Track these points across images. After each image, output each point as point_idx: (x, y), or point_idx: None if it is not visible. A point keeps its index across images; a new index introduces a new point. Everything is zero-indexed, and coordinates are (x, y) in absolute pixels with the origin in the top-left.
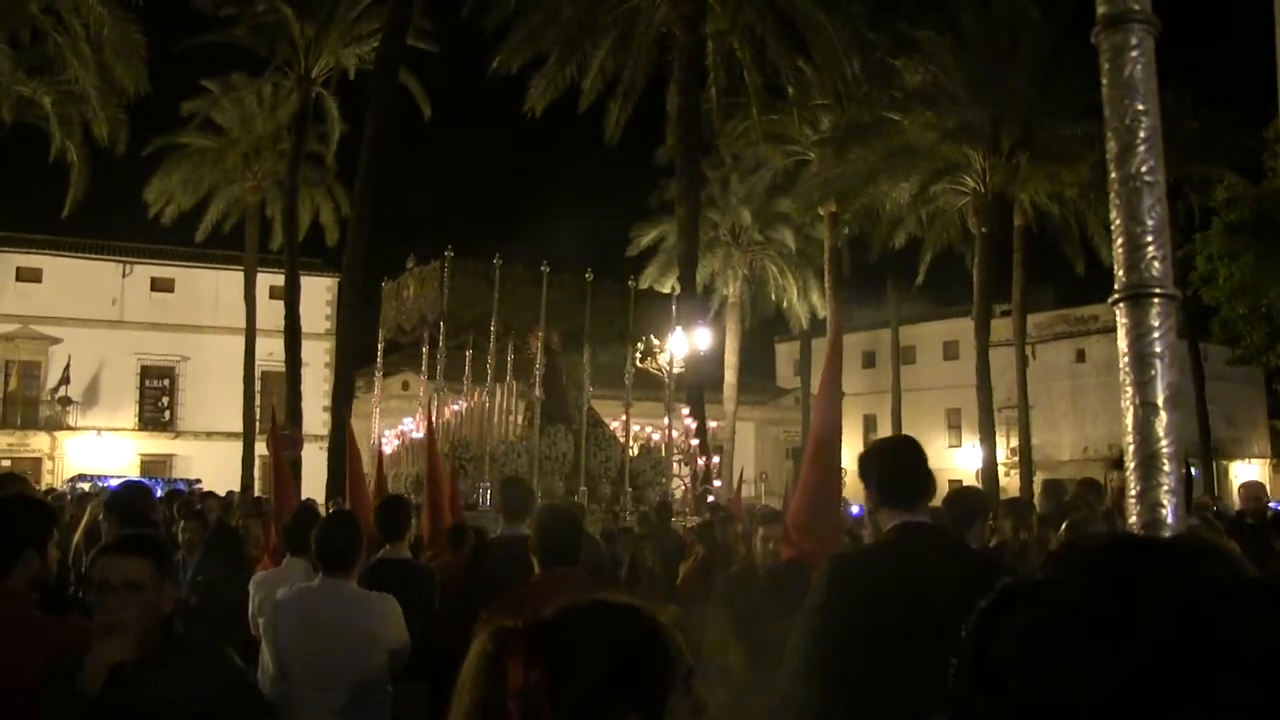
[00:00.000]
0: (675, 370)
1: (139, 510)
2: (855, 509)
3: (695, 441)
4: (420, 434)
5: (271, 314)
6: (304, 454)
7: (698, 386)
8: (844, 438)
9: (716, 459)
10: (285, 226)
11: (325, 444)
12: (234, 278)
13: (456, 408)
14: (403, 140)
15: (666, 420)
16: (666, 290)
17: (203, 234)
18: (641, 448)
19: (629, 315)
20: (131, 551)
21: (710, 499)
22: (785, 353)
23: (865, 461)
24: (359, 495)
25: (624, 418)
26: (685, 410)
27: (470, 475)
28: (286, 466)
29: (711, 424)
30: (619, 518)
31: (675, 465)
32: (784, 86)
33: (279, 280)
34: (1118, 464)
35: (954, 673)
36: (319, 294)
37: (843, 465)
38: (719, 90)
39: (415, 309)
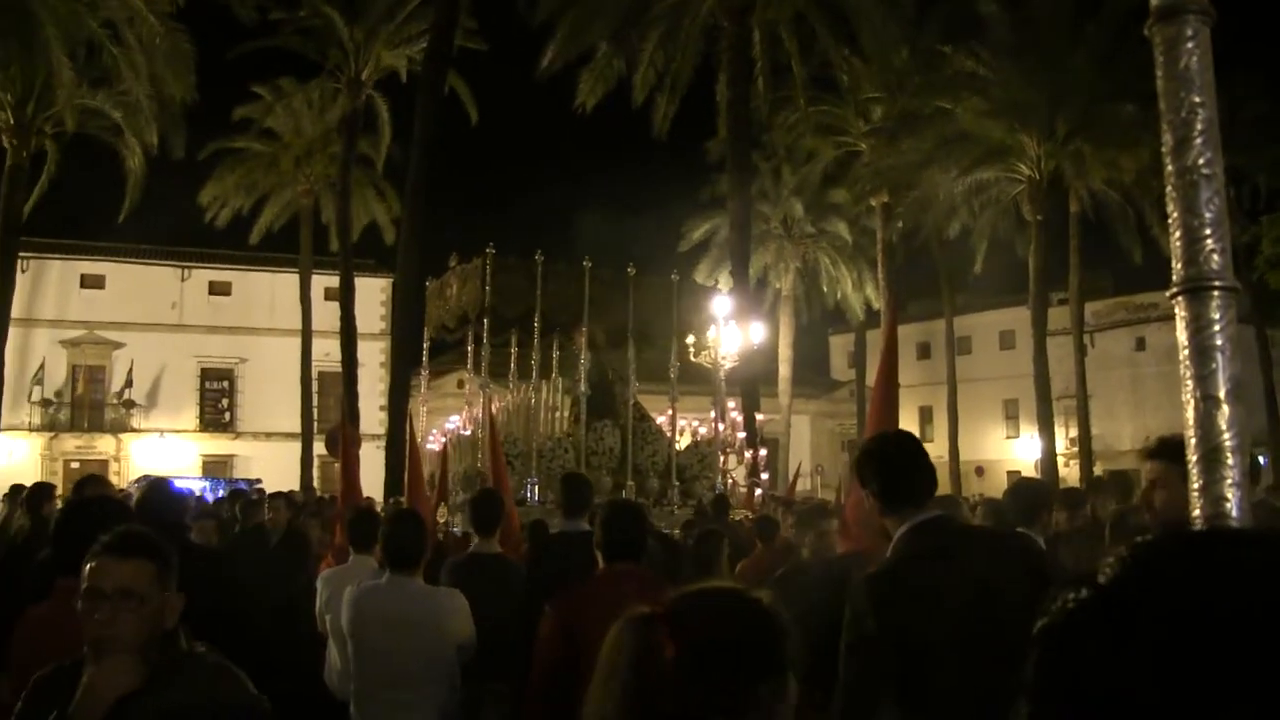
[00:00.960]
0: (728, 364)
1: (169, 513)
2: None
3: (743, 435)
4: (467, 431)
5: (327, 315)
6: (361, 453)
7: (751, 380)
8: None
9: (764, 452)
10: (338, 228)
11: (381, 443)
12: (289, 280)
13: (502, 404)
14: (453, 139)
15: (713, 414)
16: (719, 284)
17: (257, 237)
18: (689, 442)
19: (673, 309)
20: (128, 553)
21: (759, 492)
22: (840, 345)
23: (862, 466)
24: (418, 493)
25: (670, 412)
26: (732, 404)
27: (518, 471)
28: (356, 464)
29: (765, 418)
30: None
31: (723, 459)
32: (834, 77)
33: (334, 282)
34: (1154, 454)
35: (1030, 677)
36: (373, 294)
37: None
38: (767, 82)
39: (458, 307)
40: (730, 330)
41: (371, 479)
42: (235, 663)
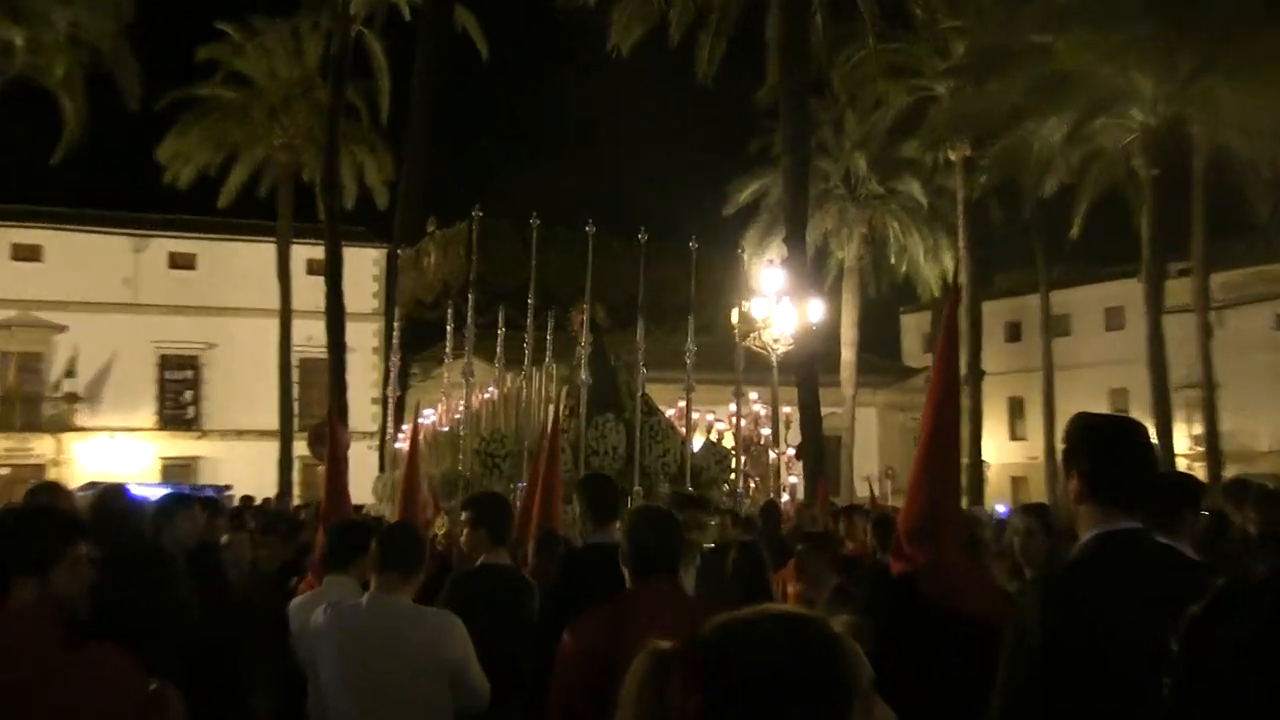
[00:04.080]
0: (780, 348)
1: (125, 526)
2: (1001, 509)
3: (766, 431)
4: (447, 427)
5: (310, 292)
6: (351, 453)
7: (809, 366)
8: (986, 426)
9: (791, 451)
10: (323, 190)
11: (375, 441)
12: (265, 251)
13: (488, 395)
14: (460, 88)
15: (734, 407)
16: (773, 255)
17: (226, 200)
18: (706, 440)
19: (691, 283)
20: None
21: (786, 499)
22: (912, 325)
23: (1075, 441)
24: (413, 500)
25: (682, 403)
26: (753, 395)
27: (505, 474)
28: (344, 468)
29: (826, 411)
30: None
31: (745, 460)
32: (906, 7)
33: (318, 253)
34: None
35: (1170, 690)
36: (365, 267)
37: (960, 460)
38: (826, 15)
39: (437, 280)
40: (784, 309)
41: (362, 483)
42: None
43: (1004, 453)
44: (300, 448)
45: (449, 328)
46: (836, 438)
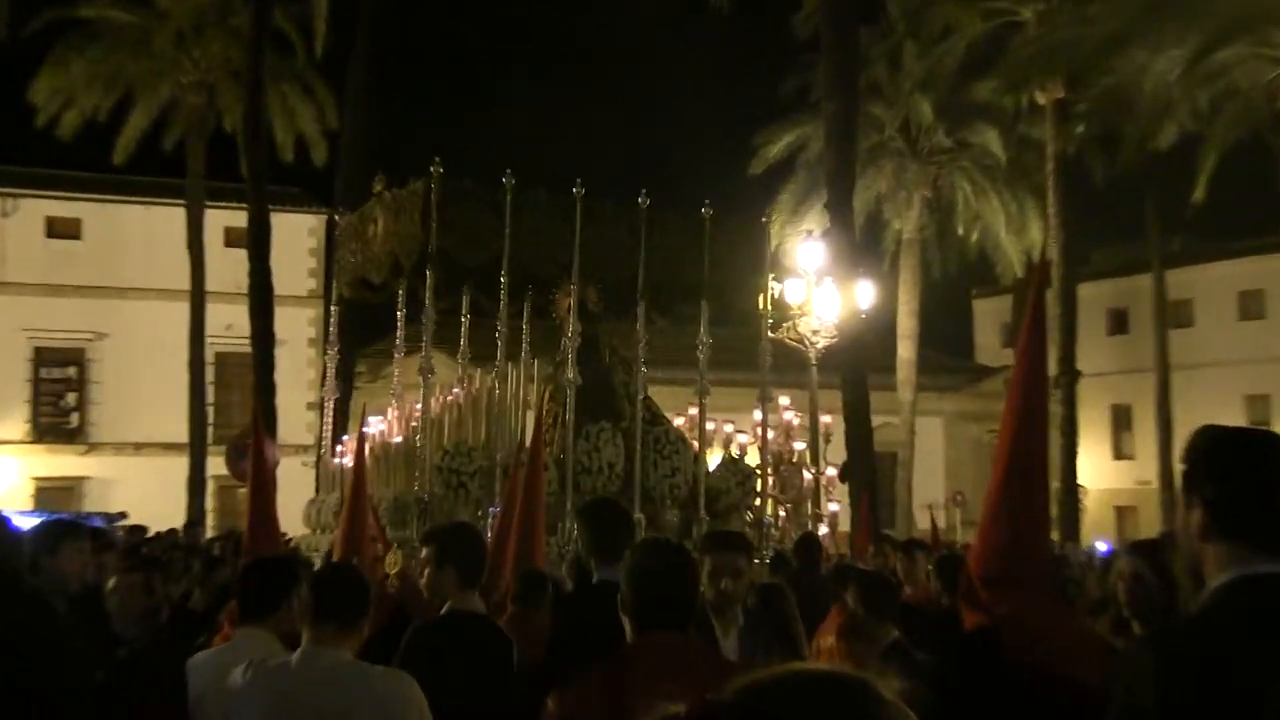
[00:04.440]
0: (821, 342)
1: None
2: (1102, 547)
3: (800, 446)
4: (400, 438)
5: (230, 268)
6: (280, 472)
7: (857, 365)
8: (1082, 441)
9: (833, 470)
10: (246, 141)
11: (311, 456)
12: (172, 217)
13: (451, 397)
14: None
15: (759, 414)
16: (811, 225)
17: (123, 154)
18: (724, 456)
19: (705, 259)
20: None
21: (825, 531)
22: (988, 313)
23: (1200, 462)
24: (358, 531)
25: (695, 410)
26: (784, 400)
27: (473, 497)
28: (271, 489)
29: (879, 421)
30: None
31: (774, 481)
32: None
33: (240, 219)
34: None
35: None
36: (299, 239)
37: (1048, 485)
38: None
39: (386, 252)
40: (825, 292)
41: (294, 510)
42: None
43: (1106, 476)
44: (216, 465)
45: (401, 314)
46: (891, 455)
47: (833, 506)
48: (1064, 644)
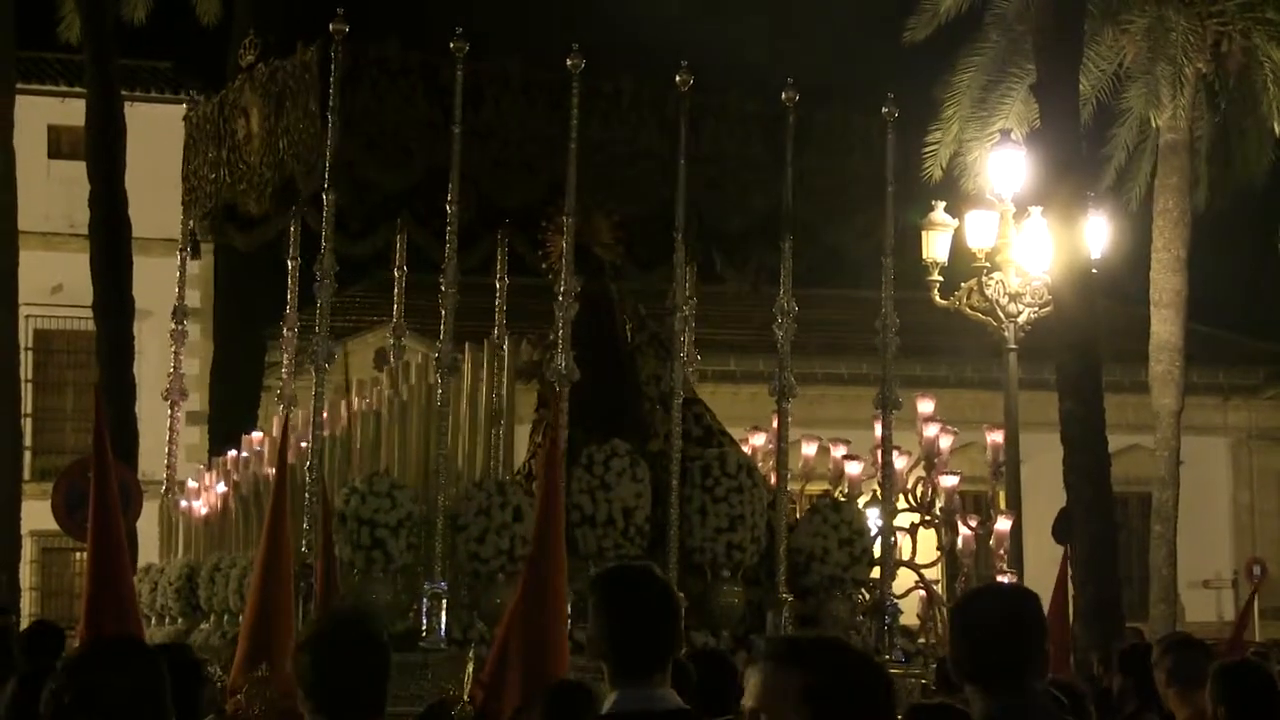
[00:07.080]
0: (1023, 314)
1: None
2: None
3: (952, 481)
4: (272, 470)
5: (59, 194)
6: (143, 523)
7: (1082, 349)
8: None
9: (1007, 524)
10: None
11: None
12: None
13: (367, 402)
14: None
15: (880, 430)
16: (1006, 123)
17: None
18: (830, 500)
19: (786, 177)
20: None
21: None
22: None
23: None
24: (279, 598)
25: (774, 424)
26: (926, 407)
27: (399, 565)
28: (122, 549)
29: (1123, 444)
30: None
31: (940, 529)
32: None
33: (74, 113)
34: None
35: None
36: (171, 140)
37: None
38: None
39: (262, 166)
40: (1031, 233)
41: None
42: None
43: None
44: (39, 513)
45: (294, 265)
46: (1144, 496)
47: (1006, 579)
48: None
